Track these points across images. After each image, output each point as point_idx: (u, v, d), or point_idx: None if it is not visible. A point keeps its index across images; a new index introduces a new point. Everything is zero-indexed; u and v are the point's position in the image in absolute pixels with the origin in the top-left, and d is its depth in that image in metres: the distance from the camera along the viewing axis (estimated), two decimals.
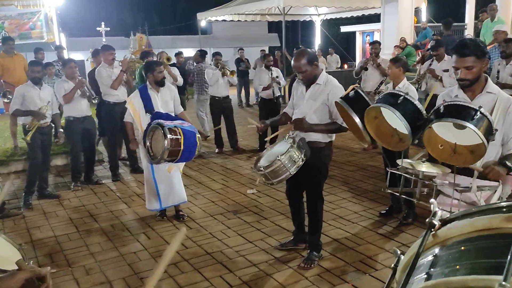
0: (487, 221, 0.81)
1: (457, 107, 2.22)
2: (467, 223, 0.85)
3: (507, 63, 6.03)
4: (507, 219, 0.77)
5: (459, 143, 2.29)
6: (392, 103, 2.33)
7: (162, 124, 4.44)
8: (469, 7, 13.93)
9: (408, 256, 0.93)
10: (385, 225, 4.77)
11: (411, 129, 2.29)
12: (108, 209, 5.57)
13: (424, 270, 0.85)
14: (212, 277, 3.77)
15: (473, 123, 2.12)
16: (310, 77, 3.68)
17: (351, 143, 8.75)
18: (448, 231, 0.87)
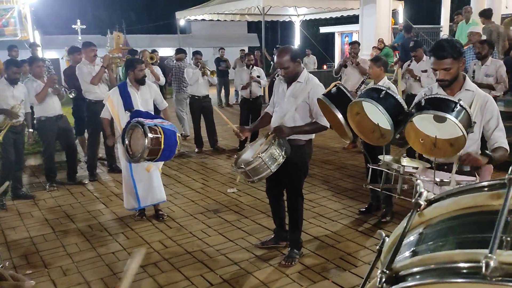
0: (471, 199, 0.82)
1: (437, 100, 2.27)
2: (452, 202, 0.86)
3: (483, 64, 6.16)
4: (491, 196, 0.79)
5: (439, 137, 2.32)
6: (374, 98, 2.35)
7: (142, 123, 4.38)
8: (445, 10, 14.23)
9: (393, 237, 0.94)
10: (364, 222, 4.81)
11: (393, 123, 2.31)
12: (85, 209, 5.46)
13: (410, 247, 0.86)
14: (193, 276, 3.74)
15: (453, 115, 2.15)
16: (292, 74, 3.68)
17: (331, 142, 8.80)
18: (434, 210, 0.89)
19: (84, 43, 7.05)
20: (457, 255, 0.72)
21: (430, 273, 0.74)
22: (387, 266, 0.81)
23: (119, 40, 15.90)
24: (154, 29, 28.88)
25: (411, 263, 0.78)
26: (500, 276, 0.64)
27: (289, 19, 18.57)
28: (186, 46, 19.07)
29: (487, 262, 0.64)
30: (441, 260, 0.73)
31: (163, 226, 4.84)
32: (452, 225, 0.83)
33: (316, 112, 3.61)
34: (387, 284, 0.79)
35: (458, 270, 0.70)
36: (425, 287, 0.73)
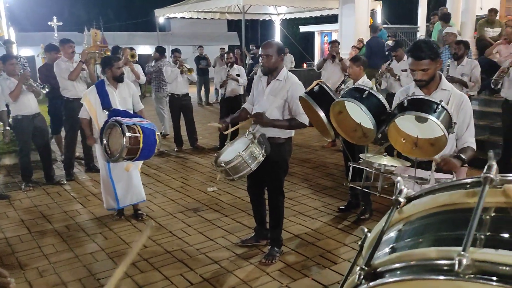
0: (448, 197, 0.84)
1: (420, 101, 2.30)
2: (429, 199, 0.88)
3: (458, 64, 6.27)
4: (467, 194, 0.80)
5: (420, 137, 2.36)
6: (357, 97, 2.37)
7: (120, 122, 4.32)
8: (421, 10, 14.45)
9: (374, 233, 0.95)
10: (344, 220, 4.85)
11: (375, 122, 2.33)
12: (62, 209, 5.37)
13: (389, 244, 0.87)
14: (172, 275, 3.71)
15: (435, 115, 2.19)
16: (273, 66, 3.67)
17: (310, 141, 8.86)
18: (413, 207, 0.90)
19: (61, 39, 6.92)
20: (432, 252, 0.73)
21: (407, 270, 0.75)
22: (366, 263, 0.82)
23: (97, 38, 15.69)
24: (132, 26, 28.53)
25: (389, 260, 0.80)
26: (472, 274, 0.65)
27: (269, 18, 18.58)
28: (166, 44, 18.90)
29: (460, 260, 0.65)
30: (417, 257, 0.75)
31: (142, 226, 4.79)
32: (429, 222, 0.84)
33: (296, 110, 3.64)
34: (366, 280, 0.80)
35: (433, 267, 0.71)
36: (402, 284, 0.74)
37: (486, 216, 0.75)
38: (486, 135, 7.24)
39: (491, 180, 0.76)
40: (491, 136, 7.27)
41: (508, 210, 0.75)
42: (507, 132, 6.15)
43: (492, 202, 0.76)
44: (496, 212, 0.76)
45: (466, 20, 10.50)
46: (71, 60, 6.53)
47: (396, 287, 0.75)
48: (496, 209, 0.76)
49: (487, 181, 0.76)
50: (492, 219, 0.75)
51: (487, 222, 0.74)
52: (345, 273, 3.07)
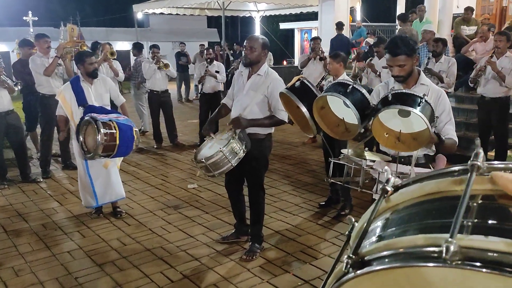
0: (435, 185, 0.84)
1: (404, 95, 2.32)
2: (417, 187, 0.88)
3: (437, 61, 6.36)
4: (454, 182, 0.81)
5: (403, 131, 2.37)
6: (342, 92, 2.37)
7: (95, 118, 4.24)
8: (400, 8, 14.61)
9: (362, 222, 0.95)
10: (324, 215, 4.88)
11: (360, 117, 2.34)
12: (38, 207, 5.26)
13: (376, 233, 0.87)
14: (152, 273, 3.67)
15: (419, 109, 2.21)
16: (256, 59, 3.66)
17: (291, 137, 8.88)
18: (400, 196, 0.90)
19: (37, 34, 6.76)
20: (419, 239, 0.73)
21: (394, 258, 0.75)
22: (354, 251, 0.82)
23: (73, 33, 15.39)
24: (110, 22, 28.14)
25: (377, 248, 0.79)
26: (460, 260, 0.65)
27: (249, 14, 18.55)
28: (144, 40, 18.70)
29: (448, 246, 0.65)
30: (405, 245, 0.75)
31: (121, 224, 4.73)
32: (416, 210, 0.85)
33: (275, 106, 3.63)
34: (353, 269, 0.80)
35: (420, 254, 0.71)
36: (390, 271, 0.74)
37: (473, 204, 0.75)
38: (462, 131, 7.37)
39: (478, 167, 0.76)
40: (466, 132, 7.41)
41: (495, 197, 0.75)
42: (482, 127, 6.28)
43: (479, 189, 0.76)
44: (483, 199, 0.76)
45: (443, 18, 10.66)
46: (47, 55, 6.38)
47: (384, 275, 0.75)
48: (483, 197, 0.77)
49: (474, 169, 0.76)
50: (479, 206, 0.75)
51: (474, 210, 0.74)
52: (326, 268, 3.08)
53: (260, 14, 18.19)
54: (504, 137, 6.08)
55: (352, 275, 0.79)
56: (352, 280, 0.80)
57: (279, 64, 17.32)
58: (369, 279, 0.78)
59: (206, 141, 3.82)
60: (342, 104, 2.38)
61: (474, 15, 9.97)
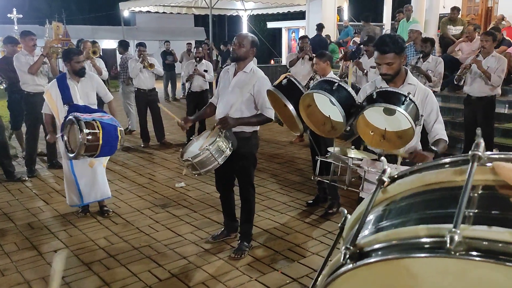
0: (435, 175, 0.82)
1: (388, 93, 2.33)
2: (415, 178, 0.86)
3: (424, 61, 6.42)
4: (455, 172, 0.79)
5: (388, 129, 2.39)
6: (327, 90, 2.38)
7: (78, 118, 4.19)
8: (387, 8, 14.73)
9: (356, 214, 0.93)
10: (312, 214, 4.90)
11: (345, 115, 2.35)
12: (24, 206, 5.19)
13: (374, 224, 0.85)
14: (140, 272, 3.65)
15: (403, 107, 2.23)
16: (243, 56, 3.67)
17: (278, 136, 8.90)
18: (398, 187, 0.88)
19: (22, 32, 6.67)
20: (421, 230, 0.72)
21: (394, 249, 0.74)
22: (351, 242, 0.80)
23: (59, 31, 15.20)
24: (96, 20, 27.82)
25: (375, 239, 0.78)
26: (464, 250, 0.65)
27: (237, 13, 18.53)
28: (131, 39, 18.52)
29: (452, 237, 0.64)
30: (405, 236, 0.73)
31: (108, 223, 4.70)
32: (416, 201, 0.83)
33: (262, 104, 3.64)
34: (351, 260, 0.78)
35: (422, 245, 0.70)
36: (389, 263, 0.73)
37: (474, 194, 0.74)
38: (448, 130, 7.41)
39: (479, 157, 0.75)
40: (453, 131, 7.50)
41: (496, 187, 0.74)
42: (468, 126, 6.36)
43: (480, 180, 0.75)
44: (484, 189, 0.75)
45: (429, 18, 10.77)
46: (32, 53, 6.30)
47: (383, 266, 0.74)
48: (484, 187, 0.76)
49: (475, 159, 0.75)
50: (480, 196, 0.74)
51: (475, 200, 0.73)
52: (314, 266, 3.08)
53: (248, 13, 18.18)
54: (490, 136, 6.16)
55: (350, 266, 0.78)
56: (349, 272, 0.78)
57: (266, 63, 17.31)
58: (367, 271, 0.77)
59: (192, 140, 3.82)
60: (328, 102, 2.39)
61: (460, 15, 10.09)
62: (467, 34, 8.35)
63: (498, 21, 9.84)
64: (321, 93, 2.36)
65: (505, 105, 7.63)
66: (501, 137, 7.01)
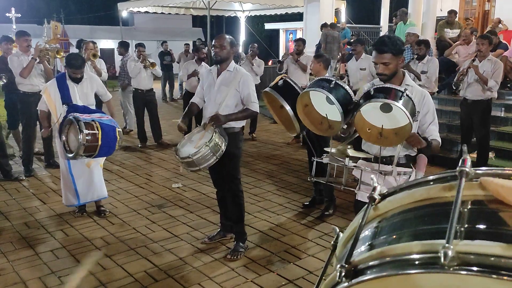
0: (425, 191, 0.84)
1: (386, 89, 2.36)
2: (406, 195, 0.87)
3: (419, 62, 6.45)
4: (444, 188, 0.81)
5: (385, 127, 2.41)
6: (325, 87, 2.40)
7: (77, 118, 4.21)
8: (384, 11, 14.77)
9: (348, 231, 0.94)
10: (308, 216, 4.91)
11: (343, 112, 2.38)
12: (20, 206, 5.19)
13: (367, 241, 0.86)
14: (136, 272, 3.66)
15: (401, 103, 2.25)
16: (225, 57, 3.79)
17: (275, 138, 8.92)
18: (388, 204, 0.89)
19: (17, 32, 6.67)
20: (414, 246, 0.72)
21: (388, 266, 0.74)
22: (346, 260, 0.80)
23: (57, 30, 15.19)
24: (94, 20, 27.82)
25: (370, 256, 0.79)
26: (457, 265, 0.66)
27: (234, 14, 18.53)
28: (129, 39, 18.49)
29: (445, 252, 0.65)
30: (399, 252, 0.74)
31: (105, 223, 4.70)
32: (407, 217, 0.84)
33: (247, 99, 3.80)
34: (347, 278, 0.79)
35: (416, 261, 0.71)
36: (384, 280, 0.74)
37: (464, 209, 0.76)
38: (445, 133, 7.49)
39: (467, 173, 0.76)
40: (449, 134, 7.54)
41: (485, 202, 0.76)
42: (464, 129, 6.38)
43: (469, 195, 0.77)
44: (473, 204, 0.77)
45: (426, 21, 10.80)
46: (27, 53, 6.28)
47: (379, 283, 0.74)
48: (473, 202, 0.77)
49: (463, 175, 0.76)
50: (469, 211, 0.75)
51: (465, 215, 0.75)
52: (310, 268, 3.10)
53: (246, 14, 18.19)
54: (486, 139, 6.19)
55: (346, 284, 0.78)
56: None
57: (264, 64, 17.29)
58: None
59: (184, 140, 3.86)
60: (325, 101, 2.41)
61: (457, 18, 10.13)
62: (464, 37, 8.39)
63: (495, 24, 9.90)
64: (319, 91, 2.38)
65: (501, 108, 7.68)
66: (497, 140, 7.04)
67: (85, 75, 4.89)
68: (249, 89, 3.79)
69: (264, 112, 10.74)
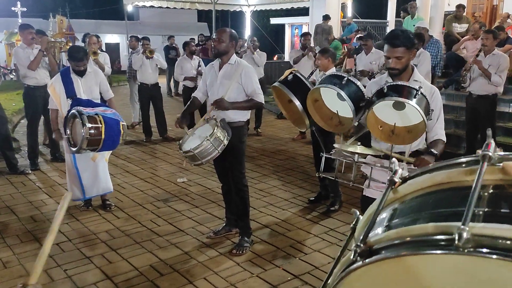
0: (445, 175, 0.83)
1: (399, 87, 2.32)
2: (427, 178, 0.87)
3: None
4: (465, 172, 0.80)
5: (397, 125, 2.37)
6: (337, 84, 2.37)
7: (81, 112, 4.19)
8: (391, 5, 14.66)
9: (368, 214, 0.94)
10: (313, 211, 4.89)
11: (354, 109, 2.34)
12: (26, 199, 5.20)
13: (384, 223, 0.86)
14: (142, 266, 3.66)
15: (415, 101, 2.21)
16: (224, 50, 3.77)
17: (281, 133, 8.89)
18: (408, 187, 0.89)
19: (21, 25, 6.66)
20: (430, 227, 0.72)
21: (403, 246, 0.74)
22: (362, 240, 0.81)
23: (62, 25, 15.23)
24: (100, 14, 27.84)
25: (386, 237, 0.79)
26: (472, 247, 0.65)
27: (240, 9, 18.48)
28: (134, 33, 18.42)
29: (460, 234, 0.65)
30: (415, 233, 0.74)
31: (110, 217, 4.71)
32: (426, 200, 0.84)
33: (252, 91, 3.78)
34: (361, 257, 0.79)
35: (431, 242, 0.70)
36: (398, 259, 0.74)
37: (484, 193, 0.75)
38: (452, 129, 7.43)
39: (489, 157, 0.76)
40: (456, 129, 7.48)
41: (506, 187, 0.75)
42: (469, 124, 6.32)
43: (490, 179, 0.76)
44: (494, 189, 0.76)
45: (434, 15, 10.72)
46: (31, 46, 6.28)
47: (393, 263, 0.75)
48: (494, 186, 0.76)
49: (485, 159, 0.76)
50: (490, 195, 0.75)
51: (485, 199, 0.74)
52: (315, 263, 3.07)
53: (251, 9, 18.13)
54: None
55: (360, 263, 0.79)
56: (360, 269, 0.79)
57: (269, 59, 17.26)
58: (377, 268, 0.78)
59: (187, 134, 3.85)
60: (336, 97, 2.38)
61: (465, 12, 10.03)
62: (473, 32, 8.30)
63: (503, 19, 9.79)
64: (331, 87, 2.35)
65: (509, 104, 7.60)
66: (504, 136, 6.99)
67: (89, 68, 4.88)
68: (252, 81, 3.78)
69: (269, 107, 10.73)
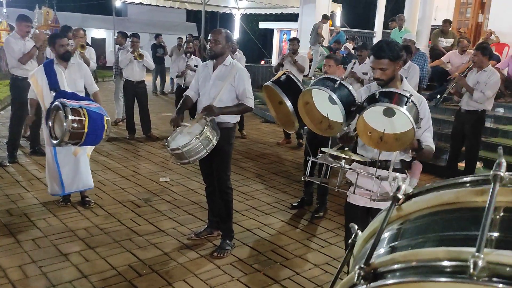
0: (453, 194, 0.79)
1: (391, 93, 2.31)
2: (433, 196, 0.83)
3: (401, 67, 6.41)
4: (475, 192, 0.76)
5: (386, 131, 2.37)
6: (329, 87, 2.35)
7: (64, 104, 4.10)
8: (379, 16, 14.81)
9: (368, 231, 0.89)
10: (296, 216, 4.88)
11: (345, 113, 2.33)
12: (3, 192, 5.06)
13: (387, 243, 0.82)
14: (120, 265, 3.58)
15: (406, 108, 2.21)
16: (221, 51, 3.75)
17: (266, 137, 8.87)
18: (414, 205, 0.84)
19: (19, 15, 6.47)
20: (441, 252, 0.68)
21: (412, 271, 0.70)
22: (365, 262, 0.76)
23: (48, 17, 15.00)
24: (87, 8, 27.47)
25: (392, 260, 0.74)
26: (487, 276, 0.61)
27: (230, 11, 18.45)
28: (121, 30, 18.30)
29: (475, 262, 0.61)
30: (424, 258, 0.69)
31: (89, 214, 4.61)
32: (433, 221, 0.79)
33: (242, 94, 3.76)
34: (365, 281, 0.74)
35: (443, 269, 0.66)
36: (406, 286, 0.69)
37: (496, 216, 0.71)
38: (435, 141, 7.45)
39: (501, 178, 0.71)
40: (439, 142, 7.54)
41: None
42: (454, 138, 6.39)
43: (502, 201, 0.72)
44: (505, 211, 0.72)
45: (421, 29, 10.86)
46: (24, 38, 6.15)
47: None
48: (505, 209, 0.72)
49: (497, 179, 0.71)
50: (502, 218, 0.71)
51: (497, 222, 0.70)
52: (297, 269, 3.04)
53: (241, 11, 18.12)
54: (475, 149, 6.19)
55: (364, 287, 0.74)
56: None
57: (257, 64, 17.26)
58: None
59: (176, 131, 3.80)
60: (327, 100, 2.37)
61: (451, 28, 10.19)
62: (463, 47, 8.42)
63: (487, 36, 9.97)
64: (323, 89, 2.33)
65: (490, 119, 7.72)
66: (486, 151, 7.09)
67: (73, 60, 4.80)
68: (244, 84, 3.75)
69: (256, 111, 10.70)
